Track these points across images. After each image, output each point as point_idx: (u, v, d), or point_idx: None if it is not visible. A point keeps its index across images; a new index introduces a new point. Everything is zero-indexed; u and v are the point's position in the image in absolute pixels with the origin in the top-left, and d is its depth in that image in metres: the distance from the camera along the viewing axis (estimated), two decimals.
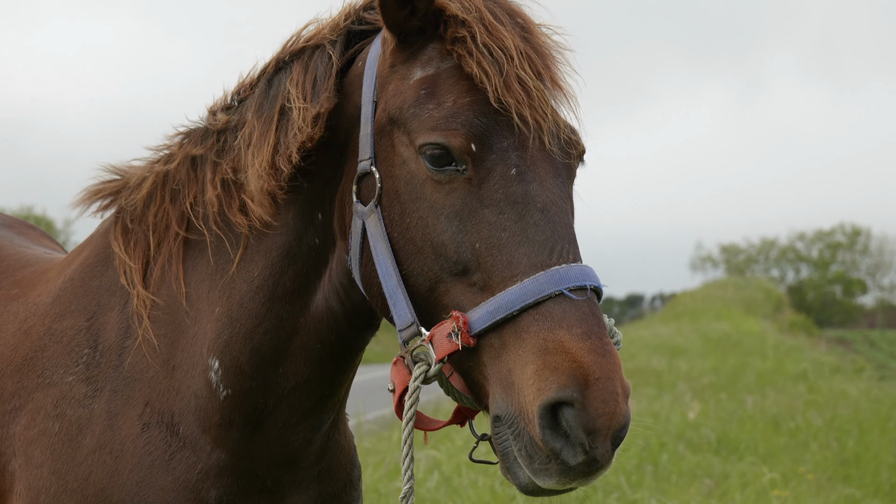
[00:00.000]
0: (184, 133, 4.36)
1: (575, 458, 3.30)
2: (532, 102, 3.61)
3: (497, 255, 3.49)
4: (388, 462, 13.70)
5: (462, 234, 3.56)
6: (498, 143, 3.58)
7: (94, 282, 4.36)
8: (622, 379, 3.34)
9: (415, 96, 3.70)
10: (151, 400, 4.10)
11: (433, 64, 3.73)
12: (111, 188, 4.47)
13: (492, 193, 3.55)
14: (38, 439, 4.15)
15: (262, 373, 4.04)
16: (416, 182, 3.67)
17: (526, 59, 3.67)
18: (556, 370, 3.29)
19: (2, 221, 5.65)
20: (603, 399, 3.26)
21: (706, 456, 15.09)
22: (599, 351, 3.31)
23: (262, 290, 4.03)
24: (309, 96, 3.96)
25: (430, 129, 3.61)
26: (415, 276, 3.67)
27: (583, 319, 3.36)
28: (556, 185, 3.60)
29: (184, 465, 4.04)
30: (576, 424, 3.27)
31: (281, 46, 4.18)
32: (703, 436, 16.53)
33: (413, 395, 3.65)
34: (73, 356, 4.23)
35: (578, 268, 3.44)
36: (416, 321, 3.64)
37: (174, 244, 4.21)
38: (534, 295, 3.39)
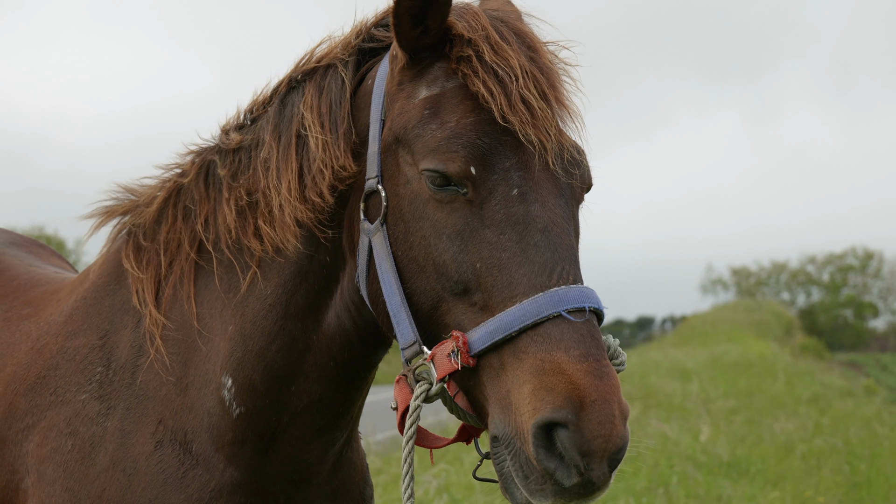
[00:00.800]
0: (195, 151, 4.37)
1: (570, 479, 3.30)
2: (536, 122, 3.60)
3: (497, 276, 3.49)
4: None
5: (463, 253, 3.57)
6: (500, 163, 3.58)
7: (106, 300, 4.37)
8: (620, 401, 3.33)
9: (419, 116, 3.71)
10: (164, 418, 4.10)
11: (438, 83, 3.74)
12: (123, 207, 4.49)
13: (493, 214, 3.55)
14: (50, 457, 4.15)
15: (276, 391, 4.04)
16: (419, 201, 3.67)
17: (531, 78, 3.67)
18: (551, 391, 3.29)
19: (12, 240, 5.66)
20: (599, 421, 3.26)
21: (716, 479, 15.04)
22: (596, 373, 3.31)
23: (275, 309, 4.03)
24: (326, 124, 3.97)
25: (431, 151, 3.62)
26: (418, 295, 3.67)
27: (580, 341, 3.36)
28: (559, 206, 3.59)
29: (197, 483, 4.04)
30: (570, 446, 3.27)
31: (294, 65, 4.18)
32: (714, 458, 16.49)
33: (414, 413, 3.65)
34: (86, 374, 4.24)
35: (578, 289, 3.44)
36: (419, 340, 3.65)
37: (186, 263, 4.22)
38: (532, 316, 3.39)
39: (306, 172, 3.98)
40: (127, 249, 4.37)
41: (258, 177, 4.10)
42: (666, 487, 14.02)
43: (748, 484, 14.93)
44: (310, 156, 3.98)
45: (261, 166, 4.10)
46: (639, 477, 14.33)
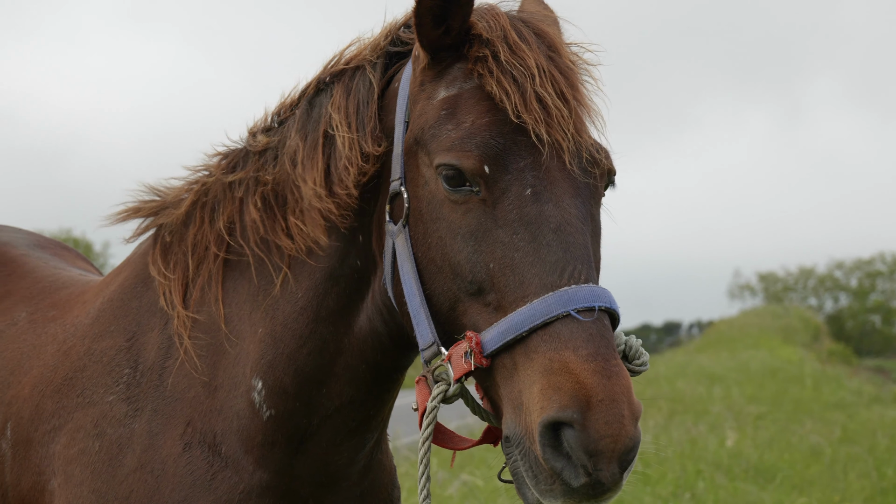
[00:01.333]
0: (222, 153, 4.37)
1: (577, 479, 3.27)
2: (551, 121, 3.58)
3: (510, 276, 3.48)
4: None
5: (477, 254, 3.55)
6: (514, 163, 3.56)
7: (133, 302, 4.38)
8: (630, 401, 3.29)
9: (436, 116, 3.70)
10: (193, 420, 4.10)
11: (456, 84, 3.73)
12: (150, 208, 4.49)
13: (506, 214, 3.53)
14: (77, 458, 4.16)
15: (306, 393, 4.04)
16: (436, 202, 3.66)
17: (548, 78, 3.64)
18: (559, 390, 3.27)
19: (37, 242, 5.68)
20: (606, 421, 3.22)
21: (743, 484, 14.99)
22: (604, 372, 3.28)
23: (307, 312, 4.03)
24: (353, 124, 3.97)
25: (446, 150, 3.61)
26: (437, 296, 3.66)
27: (589, 340, 3.33)
28: (575, 206, 3.56)
29: (226, 486, 4.04)
30: (576, 445, 3.24)
31: (322, 67, 4.19)
32: (741, 464, 16.43)
33: (430, 414, 3.66)
34: (113, 376, 4.25)
35: (588, 289, 3.41)
36: (437, 341, 3.64)
37: (214, 265, 4.22)
38: (542, 316, 3.37)
39: (333, 170, 3.98)
40: (154, 252, 4.38)
41: (285, 171, 4.10)
42: (692, 492, 13.99)
43: (775, 490, 14.87)
44: (336, 154, 3.98)
45: (288, 161, 4.10)
46: (665, 482, 14.29)
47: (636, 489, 13.51)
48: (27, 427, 4.35)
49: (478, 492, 13.39)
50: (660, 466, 15.43)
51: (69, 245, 6.07)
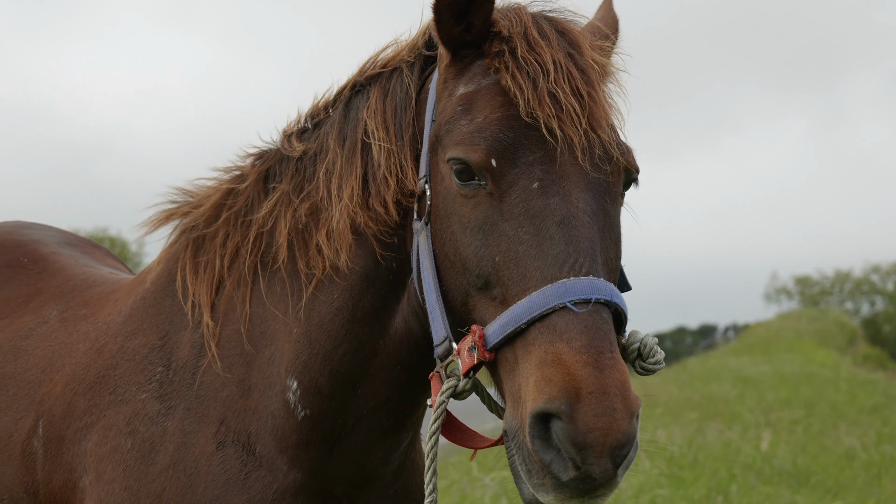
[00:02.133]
0: (255, 155, 4.38)
1: (566, 472, 3.24)
2: (563, 117, 3.56)
3: (514, 269, 3.47)
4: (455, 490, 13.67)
5: (484, 247, 3.55)
6: (524, 157, 3.55)
7: (166, 301, 4.40)
8: (625, 395, 3.25)
9: (452, 112, 3.71)
10: (227, 419, 4.12)
11: (475, 80, 3.73)
12: (181, 210, 4.50)
13: (512, 207, 3.52)
14: (109, 456, 4.18)
15: (341, 394, 4.05)
16: (450, 197, 3.67)
17: (565, 74, 3.63)
18: (550, 382, 3.24)
19: (67, 240, 5.71)
20: (595, 413, 3.18)
21: (777, 488, 14.91)
22: (596, 364, 3.25)
23: (342, 313, 4.03)
24: (392, 129, 3.97)
25: (456, 144, 3.62)
26: (451, 292, 3.67)
27: (584, 332, 3.31)
28: (583, 200, 3.53)
29: (260, 485, 4.05)
30: (564, 438, 3.21)
31: (358, 69, 4.18)
32: (774, 467, 16.35)
33: (439, 408, 3.66)
34: (145, 374, 4.27)
35: (587, 281, 3.38)
36: (450, 336, 3.63)
37: (245, 268, 4.23)
38: (539, 308, 3.35)
39: (371, 180, 3.98)
40: (185, 255, 4.40)
41: (320, 188, 4.10)
42: (725, 496, 13.92)
43: (809, 493, 14.78)
44: (374, 163, 3.98)
45: (323, 176, 4.10)
46: (698, 485, 14.22)
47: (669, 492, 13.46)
48: (59, 425, 4.38)
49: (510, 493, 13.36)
50: (693, 469, 15.37)
51: (98, 243, 6.09)
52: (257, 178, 4.29)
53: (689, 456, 16.65)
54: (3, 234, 5.56)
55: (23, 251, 5.37)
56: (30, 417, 4.50)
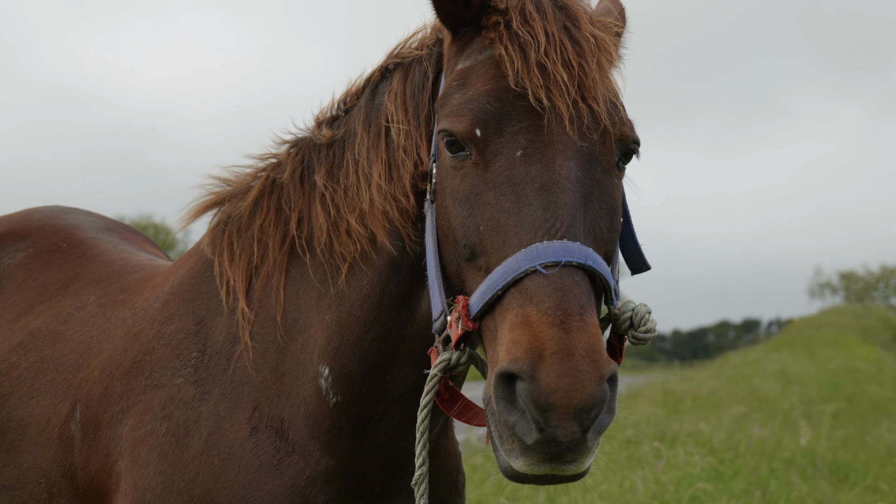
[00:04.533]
0: (291, 142, 4.39)
1: (530, 435, 3.18)
2: (551, 86, 3.53)
3: (495, 237, 3.45)
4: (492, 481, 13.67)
5: (470, 217, 3.54)
6: (510, 127, 3.53)
7: (203, 287, 4.43)
8: (594, 358, 3.19)
9: (449, 87, 3.71)
10: (260, 404, 4.14)
11: (473, 56, 3.73)
12: (218, 198, 4.53)
13: (496, 176, 3.50)
14: (144, 440, 4.22)
15: (372, 380, 4.06)
16: (444, 170, 3.67)
17: (557, 46, 3.60)
18: (516, 343, 3.21)
19: (106, 226, 5.75)
20: (558, 374, 3.13)
21: (816, 483, 14.84)
22: (562, 325, 3.20)
23: (370, 299, 4.04)
24: (410, 110, 3.98)
25: (446, 117, 3.62)
26: (448, 266, 3.67)
27: (552, 294, 3.27)
28: (567, 168, 3.49)
29: (292, 471, 4.07)
30: (527, 398, 3.16)
31: (387, 54, 4.19)
32: (815, 463, 16.27)
33: (431, 381, 3.66)
34: (181, 359, 4.30)
35: (560, 244, 3.34)
36: (446, 310, 3.62)
37: (279, 255, 4.25)
38: (513, 273, 3.33)
39: (393, 165, 4.00)
40: (222, 243, 4.42)
41: (349, 173, 4.12)
42: (765, 491, 13.86)
43: (849, 489, 14.72)
44: (394, 146, 4.00)
45: (352, 161, 4.11)
46: (738, 479, 14.18)
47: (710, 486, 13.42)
48: (96, 409, 4.41)
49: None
50: (733, 464, 15.32)
51: (136, 229, 6.13)
52: (292, 168, 4.31)
53: (730, 450, 16.59)
54: (43, 219, 5.61)
55: (62, 236, 5.41)
56: (67, 401, 4.53)
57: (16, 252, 5.37)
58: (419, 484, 3.80)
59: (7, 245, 5.42)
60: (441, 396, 3.70)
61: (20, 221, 5.60)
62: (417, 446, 3.77)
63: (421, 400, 3.72)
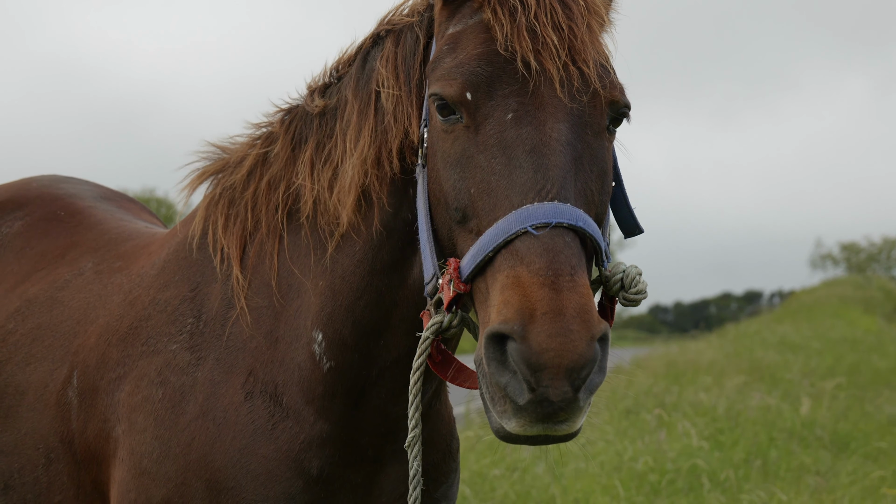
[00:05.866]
0: (284, 110, 4.41)
1: (522, 395, 3.20)
2: (540, 49, 3.54)
3: (486, 199, 3.47)
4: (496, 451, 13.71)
5: (462, 181, 3.55)
6: (500, 89, 3.54)
7: (198, 254, 4.46)
8: (585, 318, 3.21)
9: (439, 51, 3.72)
10: (255, 370, 4.17)
11: (463, 21, 3.73)
12: (213, 167, 4.56)
13: (486, 139, 3.51)
14: (141, 405, 4.25)
15: (365, 345, 4.08)
16: (435, 134, 3.69)
17: (547, 10, 3.60)
18: (507, 304, 3.23)
19: (103, 195, 5.78)
20: (549, 334, 3.15)
21: (816, 452, 14.88)
22: (553, 285, 3.22)
23: (363, 265, 4.06)
24: (402, 76, 3.98)
25: (435, 81, 3.64)
26: (440, 229, 3.69)
27: (542, 254, 3.28)
28: (558, 130, 3.50)
29: (287, 435, 4.11)
30: (518, 358, 3.17)
31: (378, 20, 4.19)
32: (815, 432, 16.30)
33: (423, 344, 3.65)
34: (177, 325, 4.33)
35: (551, 206, 3.35)
36: (438, 274, 3.63)
37: (273, 221, 4.28)
38: (503, 234, 3.34)
39: (380, 131, 4.00)
40: (216, 210, 4.44)
41: (338, 143, 4.13)
42: (764, 460, 13.91)
43: (848, 459, 14.75)
44: (383, 111, 4.00)
45: (339, 130, 4.13)
46: (737, 448, 14.22)
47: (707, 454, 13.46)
48: (93, 375, 4.45)
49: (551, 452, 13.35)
50: (733, 433, 15.35)
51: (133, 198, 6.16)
52: (285, 136, 4.32)
53: (730, 420, 16.62)
54: (40, 188, 5.63)
55: (59, 205, 5.44)
56: (65, 368, 4.57)
57: (13, 221, 5.40)
58: (412, 446, 3.81)
59: (4, 214, 5.45)
60: (433, 359, 3.71)
61: (18, 190, 5.63)
62: (410, 409, 3.77)
63: (413, 363, 3.73)
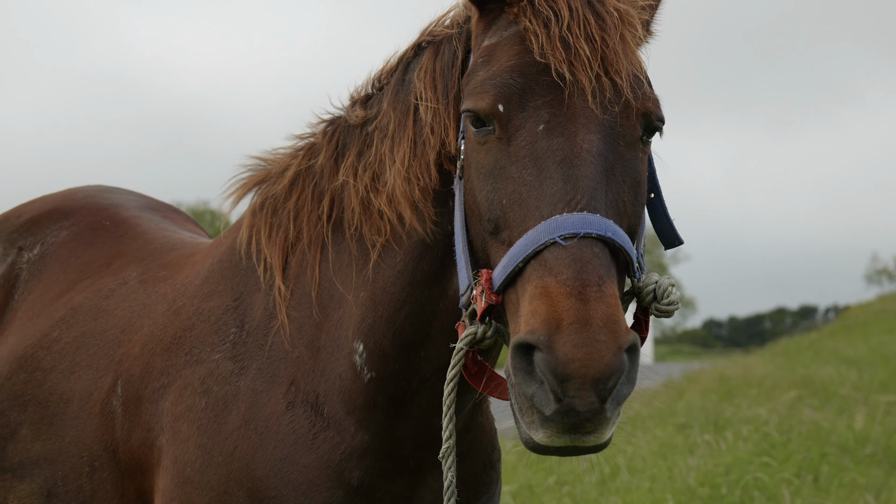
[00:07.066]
0: (327, 121, 4.42)
1: (548, 405, 3.20)
2: (574, 60, 3.53)
3: (517, 210, 3.47)
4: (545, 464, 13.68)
5: (494, 192, 3.55)
6: (532, 101, 3.54)
7: (241, 264, 4.48)
8: (612, 329, 3.20)
9: (474, 64, 3.73)
10: (296, 379, 4.19)
11: (498, 33, 3.73)
12: (257, 178, 4.57)
13: (518, 150, 3.51)
14: (184, 415, 4.27)
15: (405, 356, 4.08)
16: (470, 147, 3.69)
17: (580, 20, 3.59)
18: (535, 314, 3.23)
19: (148, 205, 5.82)
20: (575, 344, 3.14)
21: (868, 468, 14.74)
22: (580, 296, 3.22)
23: (403, 276, 4.06)
24: (440, 88, 3.98)
25: (468, 94, 3.64)
26: (475, 241, 3.69)
27: (570, 265, 3.27)
28: (589, 141, 3.49)
29: (327, 445, 4.11)
30: (545, 368, 3.17)
31: (420, 32, 4.19)
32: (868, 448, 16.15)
33: (457, 355, 3.66)
34: (220, 335, 4.35)
35: (580, 216, 3.35)
36: (472, 285, 3.63)
37: (314, 232, 4.29)
38: (533, 245, 3.34)
39: (419, 143, 4.01)
40: (260, 220, 4.45)
41: (378, 152, 4.14)
42: (816, 475, 13.80)
43: None
44: (421, 124, 4.01)
45: (379, 140, 4.14)
46: (789, 464, 14.12)
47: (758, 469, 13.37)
48: (137, 384, 4.47)
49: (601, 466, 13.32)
50: (785, 448, 15.24)
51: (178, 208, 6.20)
52: (328, 147, 4.33)
53: (782, 435, 16.51)
54: (86, 197, 5.68)
55: (105, 215, 5.48)
56: (109, 376, 4.59)
57: (59, 230, 5.44)
58: (446, 457, 3.81)
59: (51, 223, 5.50)
60: (469, 370, 3.70)
61: (63, 200, 5.68)
62: (444, 419, 3.78)
63: (447, 373, 3.74)
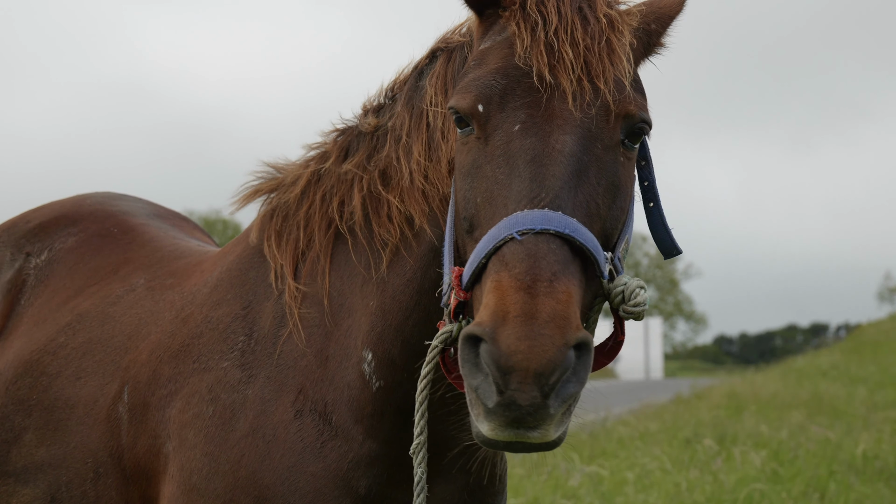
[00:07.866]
0: (339, 130, 4.43)
1: (491, 398, 3.20)
2: (556, 64, 3.56)
3: (487, 209, 3.50)
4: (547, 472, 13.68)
5: (471, 190, 3.59)
6: (512, 102, 3.57)
7: (251, 272, 4.48)
8: (560, 324, 3.19)
9: (467, 67, 3.77)
10: (305, 388, 4.19)
11: (493, 37, 3.76)
12: (268, 186, 4.58)
13: (494, 149, 3.54)
14: (192, 422, 4.27)
15: (413, 365, 4.05)
16: (456, 148, 3.72)
17: (567, 25, 3.61)
18: (486, 307, 3.25)
19: (157, 212, 5.83)
20: (518, 336, 3.14)
21: (876, 487, 14.71)
22: (529, 290, 3.22)
23: (411, 284, 4.08)
24: (449, 92, 4.00)
25: (454, 94, 3.68)
26: (458, 240, 3.71)
27: (523, 259, 3.27)
28: (563, 142, 3.50)
29: (335, 454, 4.11)
30: (488, 359, 3.17)
31: (436, 40, 4.23)
32: (876, 467, 16.12)
33: (432, 352, 3.70)
34: (228, 343, 4.35)
35: (540, 213, 3.35)
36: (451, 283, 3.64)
37: (324, 239, 4.30)
38: (493, 241, 3.36)
39: (432, 147, 4.04)
40: (270, 228, 4.47)
41: (391, 154, 4.16)
42: (823, 493, 13.77)
43: None
44: (433, 128, 4.04)
45: (393, 143, 4.16)
46: (797, 481, 14.09)
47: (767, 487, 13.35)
48: (144, 391, 4.48)
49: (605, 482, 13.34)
50: (792, 466, 15.22)
51: (186, 216, 6.21)
52: (337, 155, 4.35)
53: (789, 452, 16.48)
54: (94, 204, 5.69)
55: (113, 222, 5.49)
56: (115, 383, 4.60)
57: (67, 237, 5.45)
58: (416, 452, 3.85)
59: (59, 229, 5.50)
60: (450, 372, 3.71)
61: (72, 207, 5.68)
62: (416, 415, 3.81)
63: (422, 370, 3.76)
